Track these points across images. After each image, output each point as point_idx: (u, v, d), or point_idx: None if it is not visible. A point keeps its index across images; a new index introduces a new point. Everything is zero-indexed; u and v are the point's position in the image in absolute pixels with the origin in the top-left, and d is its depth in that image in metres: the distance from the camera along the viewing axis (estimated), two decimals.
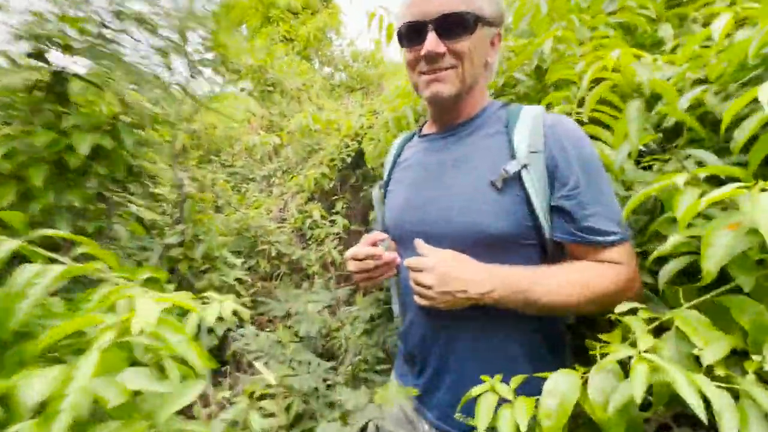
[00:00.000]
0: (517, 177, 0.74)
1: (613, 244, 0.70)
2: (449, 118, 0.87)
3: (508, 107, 0.85)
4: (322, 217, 3.13)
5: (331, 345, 2.22)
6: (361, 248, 0.85)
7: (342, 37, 6.99)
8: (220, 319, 1.94)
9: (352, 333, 2.20)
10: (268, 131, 4.57)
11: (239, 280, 2.41)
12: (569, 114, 0.95)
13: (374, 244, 0.87)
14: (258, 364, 1.16)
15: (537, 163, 0.74)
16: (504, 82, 1.36)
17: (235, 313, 2.24)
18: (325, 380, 1.64)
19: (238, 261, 2.38)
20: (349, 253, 0.87)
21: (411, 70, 0.83)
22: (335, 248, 3.04)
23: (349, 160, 3.35)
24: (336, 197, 3.42)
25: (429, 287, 0.70)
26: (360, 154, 3.47)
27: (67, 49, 1.35)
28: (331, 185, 3.40)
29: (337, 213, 3.26)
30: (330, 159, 3.45)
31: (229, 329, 2.13)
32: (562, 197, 0.73)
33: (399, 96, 2.44)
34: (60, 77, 1.34)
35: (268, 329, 2.22)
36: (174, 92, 2.21)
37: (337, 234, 3.14)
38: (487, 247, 0.75)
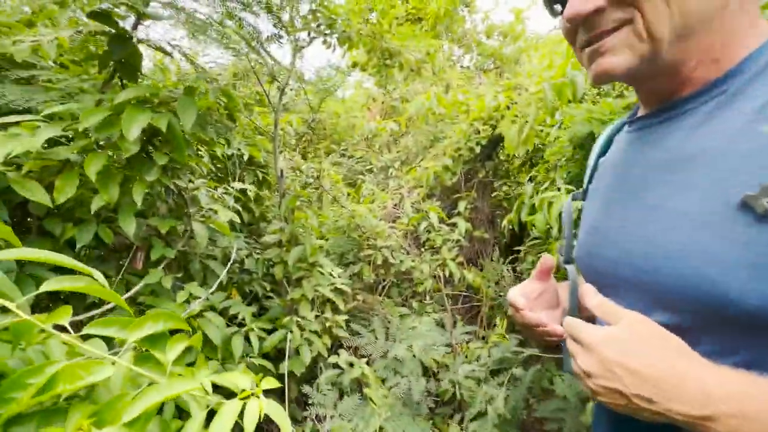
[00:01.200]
0: None
1: None
2: (659, 93, 0.50)
3: None
4: (441, 219, 2.56)
5: (443, 395, 1.66)
6: (526, 312, 0.62)
7: (475, 11, 6.20)
8: (309, 341, 1.47)
9: (475, 383, 1.59)
10: (388, 117, 4.19)
11: (338, 290, 2.04)
12: None
13: (545, 274, 0.66)
14: None
15: None
16: None
17: (329, 332, 1.69)
18: None
19: (338, 270, 2.00)
20: (512, 298, 0.65)
21: (572, 47, 0.53)
22: (453, 259, 2.44)
23: (478, 149, 2.69)
24: (459, 195, 2.81)
25: (586, 374, 0.44)
26: (494, 142, 2.77)
27: (131, 8, 1.06)
28: (453, 180, 2.80)
29: (458, 214, 2.65)
30: (455, 148, 2.84)
31: (319, 354, 1.76)
32: None
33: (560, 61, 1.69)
34: (122, 41, 1.08)
35: (365, 358, 1.78)
36: (281, 69, 1.92)
37: (457, 241, 2.53)
38: (726, 326, 0.40)
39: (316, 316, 1.81)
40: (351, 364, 1.74)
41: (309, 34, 1.90)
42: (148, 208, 1.28)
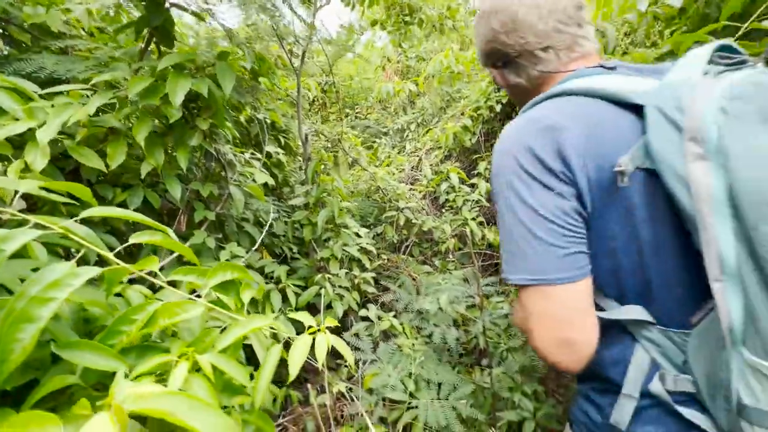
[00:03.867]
0: None
1: None
2: None
3: None
4: (461, 180, 2.58)
5: (469, 343, 1.77)
6: None
7: None
8: (341, 296, 1.57)
9: (499, 335, 1.69)
10: (404, 78, 4.10)
11: (363, 250, 2.13)
12: None
13: None
14: (363, 412, 0.78)
15: None
16: None
17: (358, 288, 1.79)
18: (458, 413, 1.20)
19: (363, 231, 2.07)
20: None
21: None
22: (474, 219, 2.49)
23: (498, 108, 2.65)
24: (478, 156, 2.81)
25: None
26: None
27: None
28: (473, 141, 2.79)
29: (478, 175, 2.67)
30: (474, 108, 2.80)
31: (350, 307, 1.88)
32: None
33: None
34: (157, 6, 1.10)
35: (393, 313, 1.89)
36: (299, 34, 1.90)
37: (477, 202, 2.57)
38: None
39: (345, 273, 1.91)
40: (379, 318, 1.85)
41: None
42: (189, 172, 1.35)
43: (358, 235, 2.17)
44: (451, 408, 1.19)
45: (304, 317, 0.69)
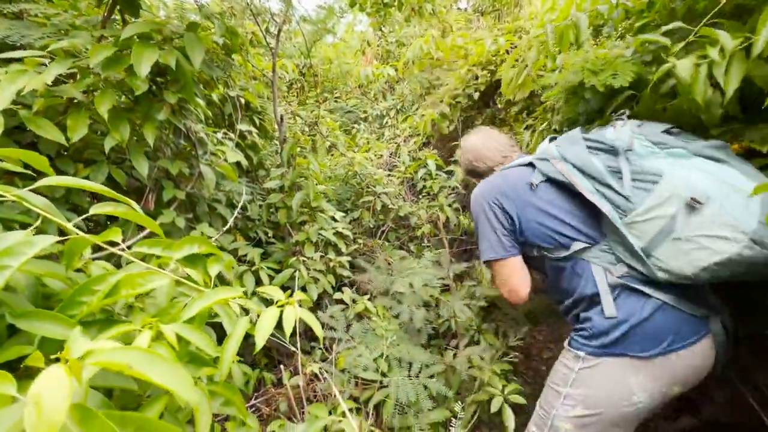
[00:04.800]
0: None
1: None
2: None
3: None
4: (438, 167, 2.61)
5: (440, 326, 1.81)
6: None
7: None
8: (315, 279, 1.57)
9: (468, 315, 1.74)
10: (384, 63, 4.06)
11: (340, 234, 2.13)
12: None
13: None
14: (334, 388, 0.79)
15: None
16: None
17: (333, 272, 1.80)
18: (429, 392, 1.24)
19: (339, 214, 2.07)
20: None
21: None
22: (450, 205, 2.53)
23: (476, 96, 2.68)
24: (456, 143, 2.83)
25: None
26: (492, 89, 2.75)
27: None
28: (451, 128, 2.81)
29: (455, 162, 2.70)
30: (452, 95, 2.82)
31: (324, 291, 1.88)
32: None
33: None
34: None
35: (368, 296, 1.91)
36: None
37: (454, 188, 2.61)
38: None
39: (321, 257, 1.91)
40: (354, 301, 1.86)
41: None
42: (156, 150, 1.30)
43: (334, 219, 2.17)
44: (422, 385, 1.22)
45: (274, 291, 0.69)
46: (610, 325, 1.03)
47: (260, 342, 0.59)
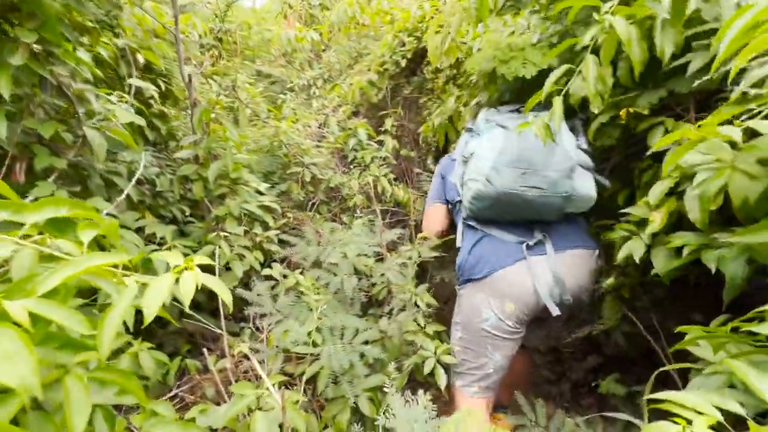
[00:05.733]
0: None
1: None
2: None
3: None
4: (369, 136, 2.54)
5: (375, 295, 1.80)
6: None
7: None
8: (241, 256, 1.44)
9: (401, 280, 1.75)
10: (308, 27, 3.83)
11: (266, 208, 1.99)
12: None
13: None
14: (256, 365, 0.72)
15: None
16: None
17: (261, 248, 1.66)
18: (362, 354, 1.22)
19: (264, 186, 1.92)
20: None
21: None
22: (385, 175, 2.50)
23: (403, 63, 2.63)
24: (385, 113, 2.78)
25: None
26: (419, 56, 2.72)
27: None
28: (379, 97, 2.75)
29: (385, 132, 2.66)
30: (380, 62, 2.74)
31: (252, 268, 1.76)
32: None
33: None
34: None
35: (299, 270, 1.82)
36: None
37: (385, 159, 2.57)
38: None
39: (246, 232, 1.77)
40: (285, 276, 1.77)
41: None
42: (22, 110, 1.05)
43: (259, 193, 2.02)
44: (356, 352, 1.20)
45: (171, 256, 0.59)
46: (462, 259, 1.41)
47: (149, 313, 0.49)
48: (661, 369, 0.97)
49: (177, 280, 0.55)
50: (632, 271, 1.39)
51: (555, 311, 1.26)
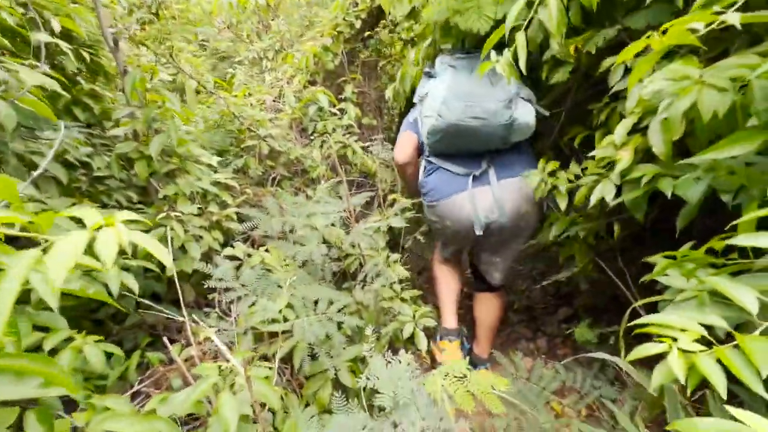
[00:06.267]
0: None
1: None
2: None
3: None
4: (331, 104, 2.40)
5: (348, 267, 1.73)
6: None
7: None
8: (198, 237, 1.31)
9: (373, 248, 1.69)
10: None
11: (223, 185, 1.84)
12: None
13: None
14: (217, 341, 0.64)
15: None
16: None
17: (220, 227, 1.51)
18: (340, 325, 1.15)
19: (216, 159, 1.77)
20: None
21: None
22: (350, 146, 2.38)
23: (358, 24, 2.49)
24: (344, 79, 2.65)
25: None
26: (374, 16, 2.59)
27: None
28: (336, 62, 2.60)
29: (346, 99, 2.53)
30: (333, 26, 2.58)
31: (211, 249, 1.63)
32: None
33: None
34: None
35: (264, 248, 1.71)
36: None
37: (348, 127, 2.46)
38: None
39: (200, 209, 1.62)
40: (249, 255, 1.66)
41: None
42: None
43: (213, 170, 1.86)
44: (332, 322, 1.13)
45: (86, 213, 0.48)
46: (422, 185, 1.71)
47: (54, 278, 0.39)
48: (634, 305, 0.98)
49: (94, 240, 0.45)
50: (595, 213, 1.40)
51: (479, 231, 1.54)
